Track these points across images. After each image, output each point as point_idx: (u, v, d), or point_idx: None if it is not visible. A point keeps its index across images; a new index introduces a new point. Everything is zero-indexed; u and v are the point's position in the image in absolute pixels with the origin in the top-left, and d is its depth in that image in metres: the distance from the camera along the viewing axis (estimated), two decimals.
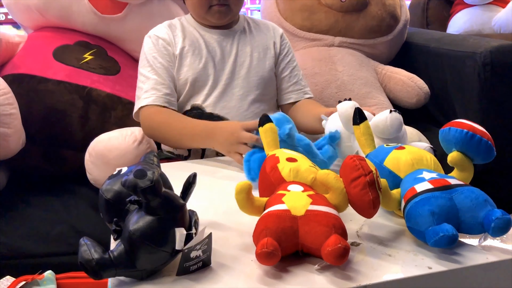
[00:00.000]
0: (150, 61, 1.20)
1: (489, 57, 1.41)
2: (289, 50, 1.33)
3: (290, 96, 1.30)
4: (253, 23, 1.32)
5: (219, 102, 1.21)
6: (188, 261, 0.61)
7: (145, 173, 0.58)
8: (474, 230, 0.65)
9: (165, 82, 1.18)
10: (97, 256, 0.59)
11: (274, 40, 1.30)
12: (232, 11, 1.21)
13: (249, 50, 1.26)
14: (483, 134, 0.70)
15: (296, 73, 1.31)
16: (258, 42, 1.28)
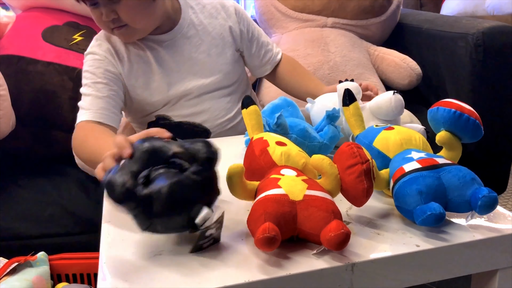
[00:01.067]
0: (88, 79, 1.09)
1: (481, 38, 1.41)
2: (248, 25, 1.23)
3: (265, 68, 1.28)
4: (200, 9, 1.18)
5: (189, 108, 1.16)
6: (203, 240, 0.61)
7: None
8: (461, 208, 0.66)
9: (102, 97, 1.06)
10: (131, 182, 0.57)
11: (230, 24, 1.19)
12: (136, 30, 1.07)
13: (205, 49, 1.16)
14: (471, 113, 0.70)
15: (262, 43, 1.25)
16: (213, 34, 1.17)
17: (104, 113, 1.05)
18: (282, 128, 0.85)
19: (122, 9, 1.00)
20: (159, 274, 0.59)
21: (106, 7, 1.00)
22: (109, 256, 0.64)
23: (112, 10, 1.00)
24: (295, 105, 1.00)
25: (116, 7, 1.00)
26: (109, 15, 1.01)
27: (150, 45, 1.13)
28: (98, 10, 1.02)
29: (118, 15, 1.01)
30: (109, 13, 1.01)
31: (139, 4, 1.02)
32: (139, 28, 1.07)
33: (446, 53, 1.55)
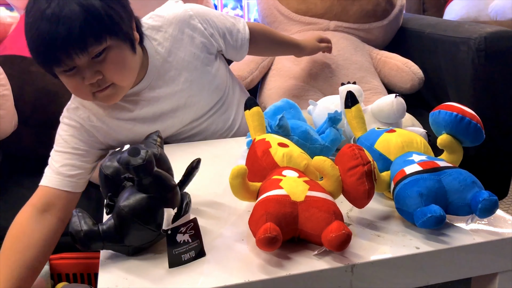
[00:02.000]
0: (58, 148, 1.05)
1: (483, 43, 1.41)
2: (214, 23, 1.12)
3: (243, 50, 1.20)
4: (164, 38, 1.06)
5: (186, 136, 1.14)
6: (176, 247, 0.60)
7: (139, 152, 0.58)
8: (461, 211, 0.66)
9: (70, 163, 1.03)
10: (86, 227, 0.60)
11: (199, 38, 1.09)
12: (121, 88, 0.96)
13: (186, 77, 1.07)
14: (472, 116, 0.70)
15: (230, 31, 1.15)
16: (186, 58, 1.07)
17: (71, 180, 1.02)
18: (284, 130, 0.85)
19: (107, 67, 0.90)
20: (160, 274, 0.59)
21: (89, 68, 0.89)
22: (109, 254, 0.64)
23: (96, 70, 0.90)
24: (297, 107, 1.01)
25: (100, 67, 0.90)
26: (94, 77, 0.90)
27: (129, 99, 1.05)
28: (76, 77, 0.91)
29: (103, 75, 0.91)
30: (93, 75, 0.90)
31: (123, 58, 0.93)
32: (124, 86, 0.97)
33: (448, 57, 1.55)
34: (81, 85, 0.92)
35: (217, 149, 1.05)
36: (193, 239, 0.62)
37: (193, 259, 0.61)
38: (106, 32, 0.88)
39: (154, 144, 0.74)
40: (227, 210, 0.76)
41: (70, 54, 0.85)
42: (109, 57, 0.90)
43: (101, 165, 0.72)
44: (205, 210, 0.76)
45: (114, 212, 0.62)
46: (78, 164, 1.03)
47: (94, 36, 0.86)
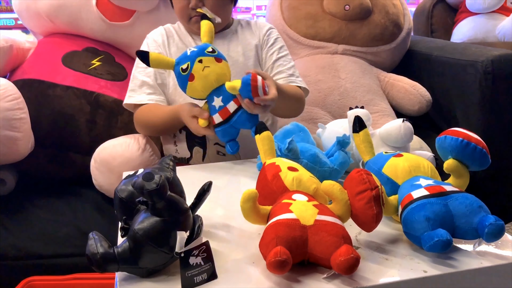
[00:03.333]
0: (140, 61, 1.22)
1: (490, 66, 1.43)
2: (273, 43, 1.32)
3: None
4: (246, 24, 1.35)
5: None
6: (188, 269, 0.62)
7: (153, 176, 0.61)
8: (468, 235, 0.67)
9: (150, 83, 1.22)
10: (102, 250, 0.62)
11: (259, 37, 1.32)
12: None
13: (240, 50, 1.29)
14: (478, 142, 0.72)
15: (280, 64, 1.30)
16: (247, 41, 1.31)
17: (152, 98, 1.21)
18: (293, 153, 0.87)
19: (209, 2, 1.19)
20: None
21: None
22: (124, 276, 0.66)
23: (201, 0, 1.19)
24: (306, 130, 1.03)
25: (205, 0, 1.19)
26: (198, 3, 1.18)
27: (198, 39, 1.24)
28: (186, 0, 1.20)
29: (204, 4, 1.18)
30: (197, 2, 1.18)
31: (222, 2, 1.22)
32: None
33: (456, 80, 1.57)
34: (185, 7, 1.21)
35: (228, 172, 1.07)
36: (205, 262, 0.63)
37: (205, 281, 0.63)
38: None
39: (167, 168, 0.77)
40: (238, 233, 0.78)
41: None
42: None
43: (116, 189, 0.75)
44: (217, 233, 0.77)
45: (129, 235, 0.64)
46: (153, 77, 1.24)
47: None
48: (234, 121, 1.03)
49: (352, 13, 1.67)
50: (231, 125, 1.04)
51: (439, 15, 2.87)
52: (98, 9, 1.49)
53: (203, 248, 0.63)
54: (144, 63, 1.06)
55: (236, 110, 1.03)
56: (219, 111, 1.03)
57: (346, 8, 1.66)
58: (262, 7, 3.59)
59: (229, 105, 1.03)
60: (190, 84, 1.03)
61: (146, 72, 1.23)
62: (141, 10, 1.52)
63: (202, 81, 1.03)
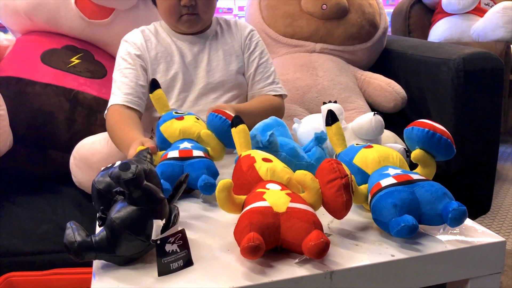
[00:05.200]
0: (120, 64, 1.26)
1: (462, 64, 1.48)
2: (254, 48, 1.34)
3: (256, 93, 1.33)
4: (226, 25, 1.35)
5: (194, 106, 1.26)
6: (165, 256, 0.64)
7: (129, 166, 0.62)
8: (434, 221, 0.70)
9: (129, 83, 1.22)
10: (80, 239, 0.64)
11: (240, 40, 1.33)
12: (202, 20, 1.25)
13: (221, 54, 1.30)
14: (443, 132, 0.75)
15: (261, 71, 1.32)
16: (229, 45, 1.32)
17: (129, 98, 1.20)
18: (273, 146, 0.90)
19: (200, 1, 1.19)
20: (149, 282, 0.63)
21: None
22: (102, 264, 0.67)
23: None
24: (284, 125, 1.05)
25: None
26: (191, 1, 1.18)
27: (177, 41, 1.29)
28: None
29: (196, 3, 1.19)
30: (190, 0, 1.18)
31: (213, 1, 1.24)
32: (204, 20, 1.25)
33: (430, 77, 1.61)
34: (176, 5, 1.20)
35: None
36: (181, 249, 0.65)
37: (181, 268, 0.65)
38: None
39: (144, 160, 0.78)
40: (214, 223, 0.80)
41: None
42: None
43: (93, 180, 0.76)
44: (193, 223, 0.79)
45: (106, 224, 0.66)
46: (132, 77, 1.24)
47: None
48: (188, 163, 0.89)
49: (329, 12, 1.70)
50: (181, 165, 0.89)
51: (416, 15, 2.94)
52: (77, 7, 1.50)
53: (179, 235, 0.65)
54: (150, 89, 1.08)
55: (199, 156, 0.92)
56: (180, 150, 0.92)
57: (323, 8, 1.70)
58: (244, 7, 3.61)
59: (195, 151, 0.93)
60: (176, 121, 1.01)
61: (125, 74, 1.24)
62: (120, 8, 1.53)
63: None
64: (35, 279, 1.12)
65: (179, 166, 0.88)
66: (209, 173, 0.87)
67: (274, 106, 1.29)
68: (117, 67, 1.26)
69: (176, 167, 0.88)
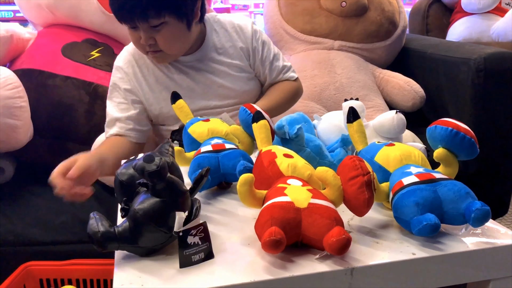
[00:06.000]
0: (112, 93, 1.23)
1: (483, 64, 1.46)
2: (263, 48, 1.28)
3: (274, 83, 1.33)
4: (223, 33, 1.26)
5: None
6: (186, 248, 0.64)
7: (153, 158, 0.63)
8: (456, 220, 0.70)
9: (124, 120, 1.19)
10: (103, 229, 0.64)
11: (246, 42, 1.27)
12: (169, 56, 1.17)
13: (224, 71, 1.24)
14: (467, 131, 0.75)
15: (275, 66, 1.30)
16: (232, 57, 1.25)
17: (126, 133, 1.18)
18: (299, 139, 0.89)
19: (160, 37, 1.10)
20: (171, 273, 0.63)
21: (146, 32, 1.09)
22: (124, 255, 0.68)
23: (151, 36, 1.10)
24: (310, 122, 1.04)
25: (155, 35, 1.10)
26: (148, 40, 1.10)
27: (175, 65, 1.22)
28: (137, 33, 1.11)
29: (156, 41, 1.11)
30: (147, 39, 1.10)
31: (176, 34, 1.12)
32: (173, 54, 1.17)
33: (449, 77, 1.60)
34: (138, 41, 1.13)
35: None
36: (203, 242, 0.66)
37: (202, 260, 0.65)
38: (166, 10, 1.06)
39: (166, 153, 0.79)
40: (234, 217, 0.80)
41: (133, 20, 1.07)
42: (164, 31, 1.09)
43: (116, 172, 0.77)
44: (214, 217, 0.80)
45: (129, 215, 0.67)
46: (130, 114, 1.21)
47: (155, 11, 1.05)
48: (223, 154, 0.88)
49: (349, 9, 1.70)
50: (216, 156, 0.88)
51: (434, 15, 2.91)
52: (98, 1, 1.51)
53: (201, 228, 0.66)
54: (171, 101, 1.04)
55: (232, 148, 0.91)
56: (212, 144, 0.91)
57: (342, 5, 1.69)
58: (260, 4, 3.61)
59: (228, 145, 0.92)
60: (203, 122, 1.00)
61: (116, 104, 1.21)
62: None
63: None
64: (54, 269, 1.14)
65: (214, 158, 0.87)
66: (245, 159, 0.87)
67: (291, 91, 1.31)
68: (109, 95, 1.24)
69: (212, 159, 0.87)
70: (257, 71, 1.30)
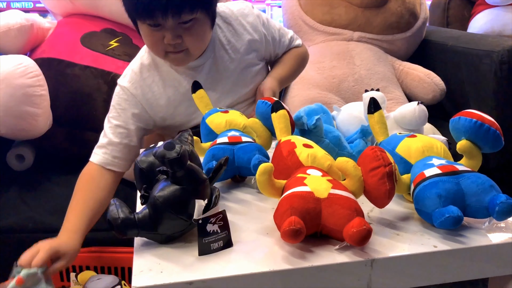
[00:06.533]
0: (111, 116, 1.12)
1: (507, 56, 1.43)
2: (268, 30, 1.21)
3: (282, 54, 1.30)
4: (227, 28, 1.17)
5: None
6: (206, 236, 0.64)
7: (174, 146, 0.63)
8: (479, 213, 0.68)
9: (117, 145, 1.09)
10: (123, 215, 0.65)
11: (256, 38, 1.19)
12: (192, 55, 1.07)
13: (234, 67, 1.17)
14: (492, 123, 0.73)
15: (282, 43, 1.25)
16: (241, 51, 1.17)
17: (109, 160, 1.08)
18: (318, 130, 0.88)
19: (188, 34, 1.01)
20: (190, 260, 0.63)
21: (173, 31, 0.99)
22: (143, 242, 0.68)
23: (178, 35, 1.00)
24: (329, 113, 1.03)
25: (183, 33, 1.00)
26: (174, 39, 0.99)
27: (184, 71, 1.13)
28: (159, 33, 1.00)
29: (183, 40, 1.01)
30: (174, 38, 0.99)
31: (202, 31, 1.04)
32: (195, 54, 1.08)
33: (471, 69, 1.57)
34: (159, 42, 1.01)
35: None
36: (222, 230, 0.66)
37: (221, 249, 0.65)
38: (199, 5, 0.99)
39: (186, 142, 0.79)
40: (253, 207, 0.80)
41: (166, 14, 0.95)
42: (194, 27, 1.01)
43: (136, 160, 0.77)
44: (233, 207, 0.80)
45: (149, 202, 0.67)
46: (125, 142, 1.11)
47: (190, 6, 0.97)
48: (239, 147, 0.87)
49: (369, 0, 1.67)
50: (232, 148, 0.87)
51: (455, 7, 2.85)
52: None
53: (220, 216, 0.65)
54: (192, 90, 1.01)
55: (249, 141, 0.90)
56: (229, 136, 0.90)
57: None
58: None
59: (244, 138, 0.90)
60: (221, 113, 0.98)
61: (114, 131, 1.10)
62: None
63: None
64: None
65: (230, 150, 0.86)
66: (261, 153, 0.85)
67: (302, 57, 1.31)
68: (108, 115, 1.12)
69: (227, 151, 0.85)
70: (266, 55, 1.24)
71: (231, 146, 0.87)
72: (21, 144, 1.43)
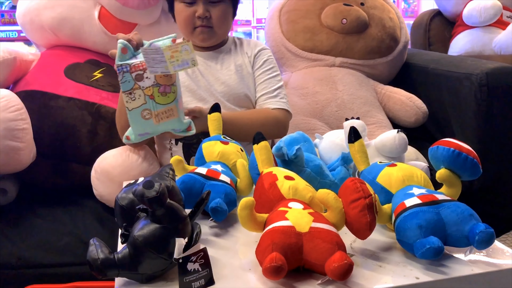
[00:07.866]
0: None
1: (485, 79, 1.46)
2: (262, 65, 1.35)
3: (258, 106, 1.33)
4: (240, 43, 1.39)
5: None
6: (186, 275, 0.64)
7: (153, 184, 0.63)
8: (460, 243, 0.69)
9: None
10: (103, 256, 0.64)
11: (249, 57, 1.36)
12: (216, 34, 1.28)
13: (233, 68, 1.33)
14: (469, 152, 0.74)
15: (264, 87, 1.33)
16: (240, 60, 1.35)
17: None
18: (299, 160, 0.89)
19: (216, 12, 1.24)
20: None
21: (204, 6, 1.23)
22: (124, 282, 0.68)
23: (208, 10, 1.23)
24: (310, 141, 1.04)
25: (211, 10, 1.24)
26: (204, 13, 1.22)
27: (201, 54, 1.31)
28: (191, 8, 1.24)
29: (211, 16, 1.23)
30: (204, 11, 1.22)
31: (227, 14, 1.27)
32: (219, 34, 1.29)
33: (452, 92, 1.59)
34: (191, 17, 1.25)
35: None
36: (203, 268, 0.65)
37: (202, 287, 0.65)
38: None
39: (167, 177, 0.78)
40: (235, 240, 0.80)
41: None
42: (221, 7, 1.25)
43: (116, 197, 0.77)
44: (215, 241, 0.79)
45: (129, 241, 0.66)
46: None
47: None
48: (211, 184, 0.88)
49: (349, 26, 1.70)
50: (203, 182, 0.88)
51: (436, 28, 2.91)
52: (101, 22, 1.52)
53: (201, 254, 0.65)
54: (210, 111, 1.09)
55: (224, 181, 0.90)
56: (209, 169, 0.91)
57: (343, 22, 1.70)
58: (262, 19, 3.64)
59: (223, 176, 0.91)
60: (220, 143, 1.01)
61: None
62: (142, 24, 1.56)
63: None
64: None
65: (200, 183, 0.87)
66: (226, 199, 0.84)
67: (269, 119, 1.27)
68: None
69: (198, 183, 0.87)
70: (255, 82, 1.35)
71: (204, 180, 0.87)
72: (3, 177, 1.41)
